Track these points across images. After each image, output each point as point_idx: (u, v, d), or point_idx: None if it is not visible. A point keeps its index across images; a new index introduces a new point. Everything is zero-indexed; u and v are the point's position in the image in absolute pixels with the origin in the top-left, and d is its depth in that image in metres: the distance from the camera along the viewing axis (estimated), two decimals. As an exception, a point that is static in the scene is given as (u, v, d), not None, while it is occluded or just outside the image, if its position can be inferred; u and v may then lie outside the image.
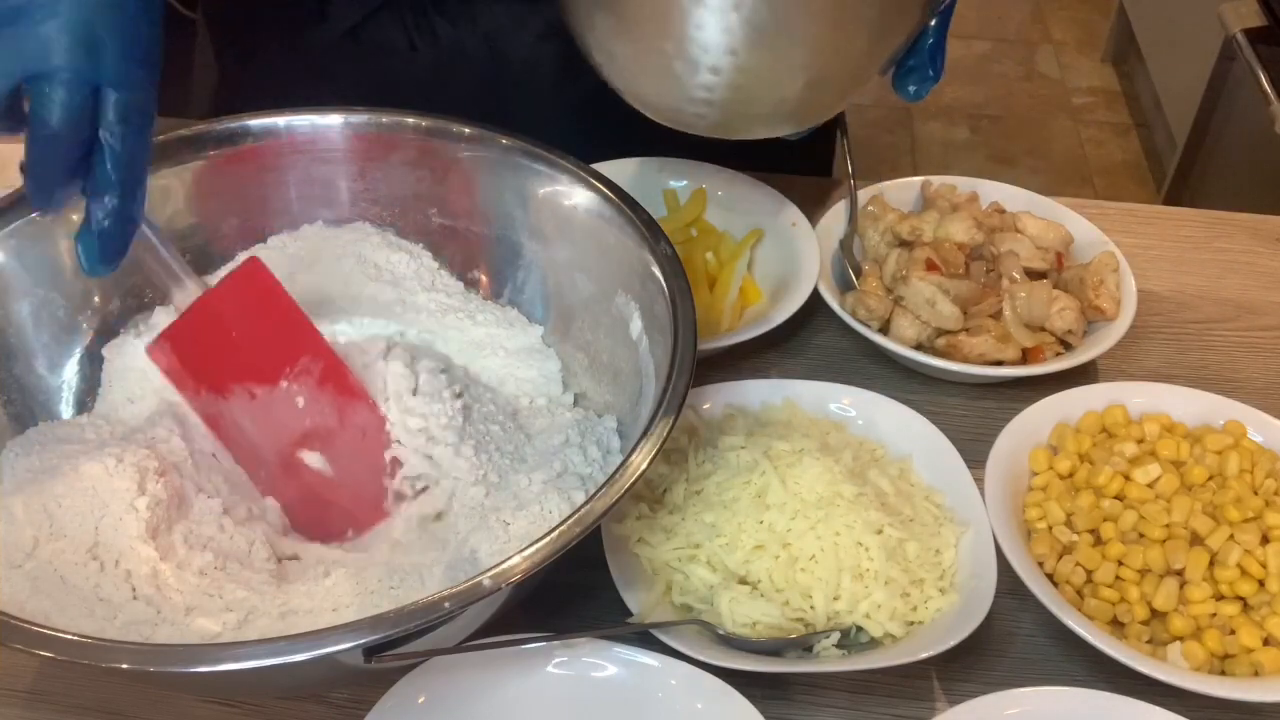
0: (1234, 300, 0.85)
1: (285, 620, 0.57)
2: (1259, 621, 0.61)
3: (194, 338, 0.63)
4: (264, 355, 0.64)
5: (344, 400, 0.64)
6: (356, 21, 0.84)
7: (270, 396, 0.64)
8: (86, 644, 0.49)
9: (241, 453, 0.64)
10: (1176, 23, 2.28)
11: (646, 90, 0.65)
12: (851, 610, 0.61)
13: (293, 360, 0.64)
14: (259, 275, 0.64)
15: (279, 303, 0.64)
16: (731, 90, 0.61)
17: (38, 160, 0.52)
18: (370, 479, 0.65)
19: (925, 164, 2.50)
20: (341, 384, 0.64)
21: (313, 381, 0.64)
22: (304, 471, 0.64)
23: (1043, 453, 0.69)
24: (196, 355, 0.63)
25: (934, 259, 0.78)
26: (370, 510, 0.65)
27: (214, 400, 0.64)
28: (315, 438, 0.64)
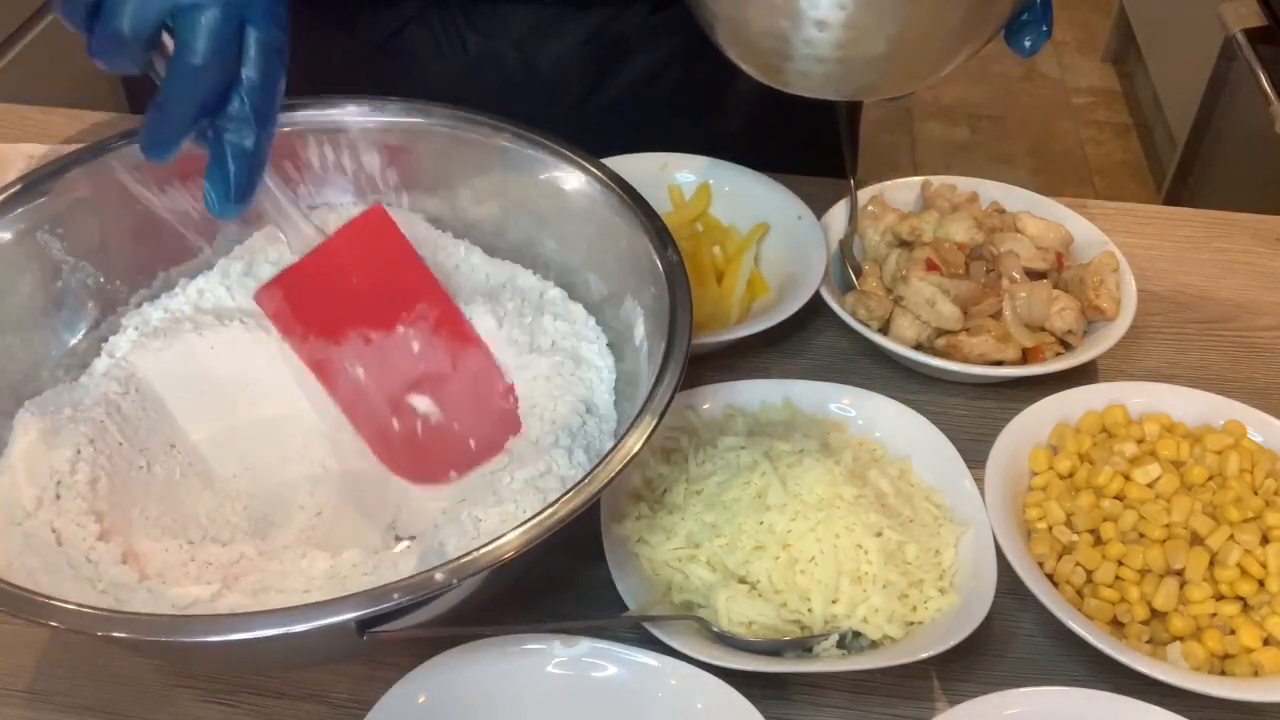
0: (1234, 300, 0.85)
1: (257, 597, 0.58)
2: (1259, 621, 0.61)
3: (309, 284, 0.64)
4: (382, 302, 0.65)
5: (458, 346, 0.66)
6: (385, 37, 0.84)
7: (386, 342, 0.65)
8: (84, 613, 0.50)
9: (345, 397, 0.66)
10: (1176, 23, 2.28)
11: (750, 50, 0.62)
12: (850, 614, 0.61)
13: (410, 306, 0.65)
14: (381, 223, 0.65)
15: (399, 250, 0.65)
16: (838, 48, 0.59)
17: (174, 96, 0.52)
18: (479, 421, 0.66)
19: (925, 164, 2.50)
20: (456, 329, 0.66)
21: (428, 327, 0.66)
22: (410, 415, 0.65)
23: (1043, 453, 0.69)
24: (309, 301, 0.64)
25: (934, 259, 0.78)
26: (477, 451, 0.66)
27: (323, 346, 0.65)
28: (428, 382, 0.66)
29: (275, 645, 0.52)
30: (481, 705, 0.58)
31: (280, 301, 0.65)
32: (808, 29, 0.58)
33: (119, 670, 0.62)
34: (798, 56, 0.60)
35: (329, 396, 0.66)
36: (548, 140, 0.70)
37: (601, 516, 0.64)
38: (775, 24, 0.58)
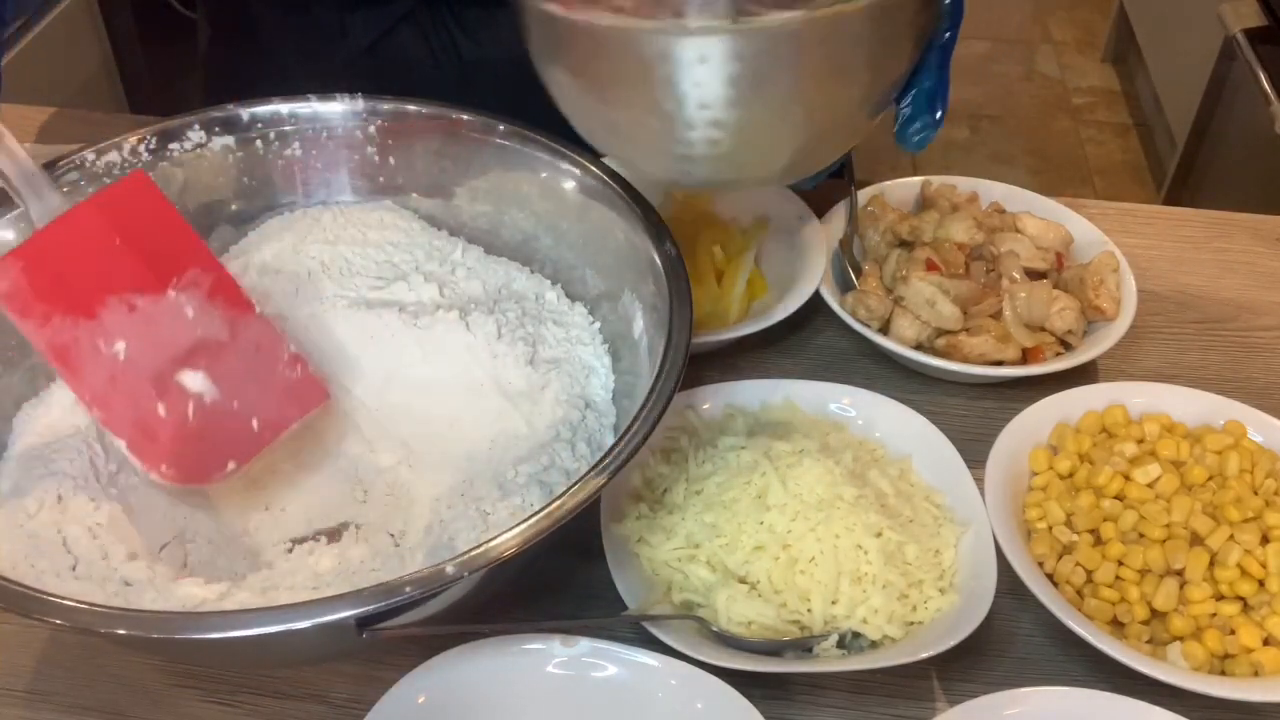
0: (1234, 300, 0.85)
1: (266, 595, 0.58)
2: (1259, 621, 0.61)
3: (55, 255, 0.58)
4: (150, 263, 0.60)
5: (236, 314, 0.61)
6: (376, 37, 0.84)
7: (154, 308, 0.60)
8: (85, 610, 0.50)
9: (95, 385, 0.59)
10: (1176, 23, 2.27)
11: (629, 152, 0.65)
12: (849, 614, 0.61)
13: (181, 270, 0.60)
14: (144, 189, 0.60)
15: (164, 216, 0.61)
16: (713, 146, 0.59)
17: None
18: (262, 396, 0.62)
19: (925, 164, 2.49)
20: (233, 297, 0.61)
21: (202, 293, 0.61)
22: (181, 398, 0.60)
23: (1043, 453, 0.69)
24: (55, 275, 0.58)
25: (934, 259, 0.78)
26: (260, 432, 0.62)
27: (70, 325, 0.58)
28: (202, 353, 0.61)
29: (275, 643, 0.52)
30: (481, 705, 0.58)
31: (16, 277, 0.57)
32: (682, 131, 0.58)
33: (119, 670, 0.62)
34: (676, 158, 0.60)
35: (71, 386, 0.59)
36: (543, 137, 0.70)
37: (601, 516, 0.64)
38: (649, 129, 0.59)
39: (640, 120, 0.59)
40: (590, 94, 0.62)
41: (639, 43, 0.55)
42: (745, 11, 0.52)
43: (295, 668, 0.62)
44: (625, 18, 0.54)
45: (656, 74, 0.55)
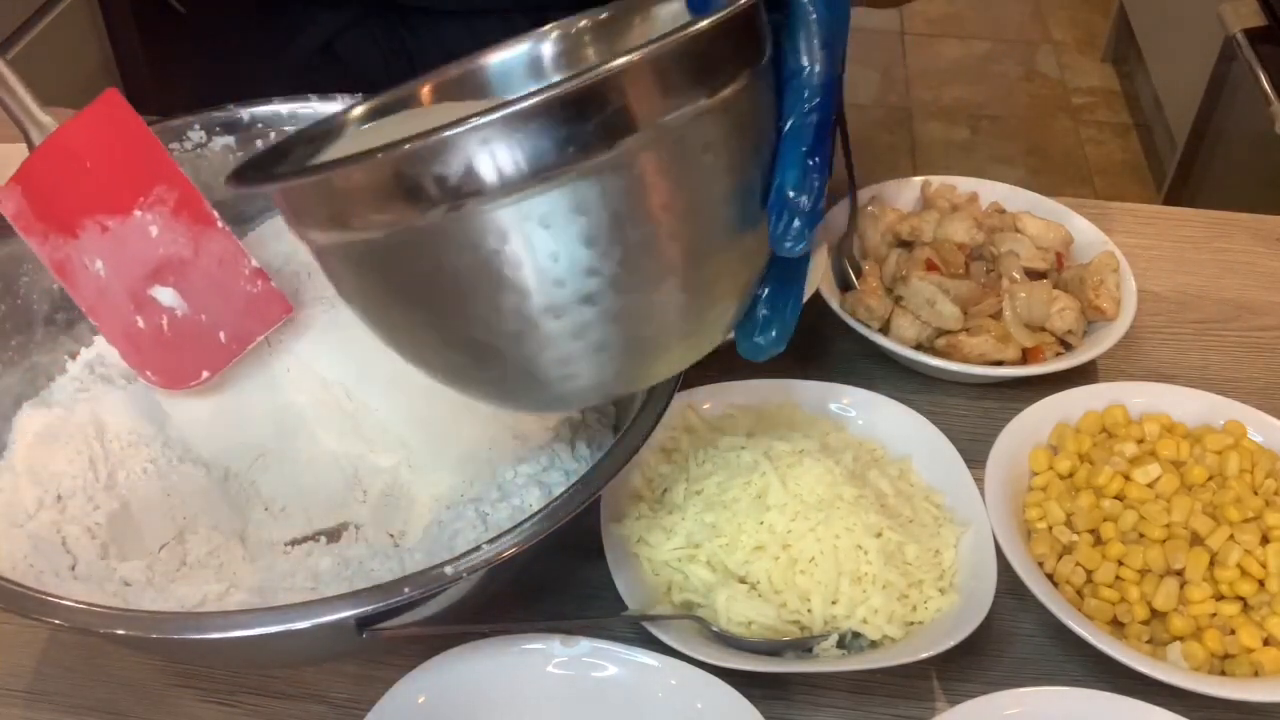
0: (1234, 300, 0.85)
1: (264, 595, 0.58)
2: (1259, 621, 0.61)
3: (45, 177, 0.62)
4: (118, 185, 0.63)
5: (199, 229, 0.64)
6: (328, 39, 0.84)
7: (123, 228, 0.63)
8: (85, 610, 0.50)
9: (89, 297, 0.64)
10: (1176, 23, 2.28)
11: (502, 386, 0.53)
12: (849, 615, 0.61)
13: (147, 190, 0.64)
14: (116, 107, 0.63)
15: (136, 133, 0.64)
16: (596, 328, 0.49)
17: None
18: (227, 311, 0.65)
19: (925, 164, 2.50)
20: (196, 212, 0.64)
21: (167, 211, 0.64)
22: (155, 310, 0.64)
23: (1043, 453, 0.69)
24: (47, 195, 0.62)
25: (934, 259, 0.78)
26: (229, 344, 0.65)
27: (62, 242, 0.63)
28: (169, 269, 0.64)
29: (275, 643, 0.52)
30: (481, 705, 0.58)
31: (19, 199, 0.62)
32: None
33: (119, 670, 0.62)
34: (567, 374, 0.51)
35: (73, 297, 0.64)
36: None
37: (601, 516, 0.64)
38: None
39: (502, 335, 0.48)
40: (435, 320, 0.50)
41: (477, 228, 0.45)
42: (593, 146, 0.44)
43: (295, 668, 0.62)
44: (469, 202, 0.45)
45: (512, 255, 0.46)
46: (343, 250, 0.49)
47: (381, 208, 0.46)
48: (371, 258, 0.49)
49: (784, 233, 0.48)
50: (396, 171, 0.45)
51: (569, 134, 0.43)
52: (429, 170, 0.44)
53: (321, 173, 0.48)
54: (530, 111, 0.43)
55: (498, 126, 0.43)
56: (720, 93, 0.46)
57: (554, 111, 0.43)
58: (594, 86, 0.43)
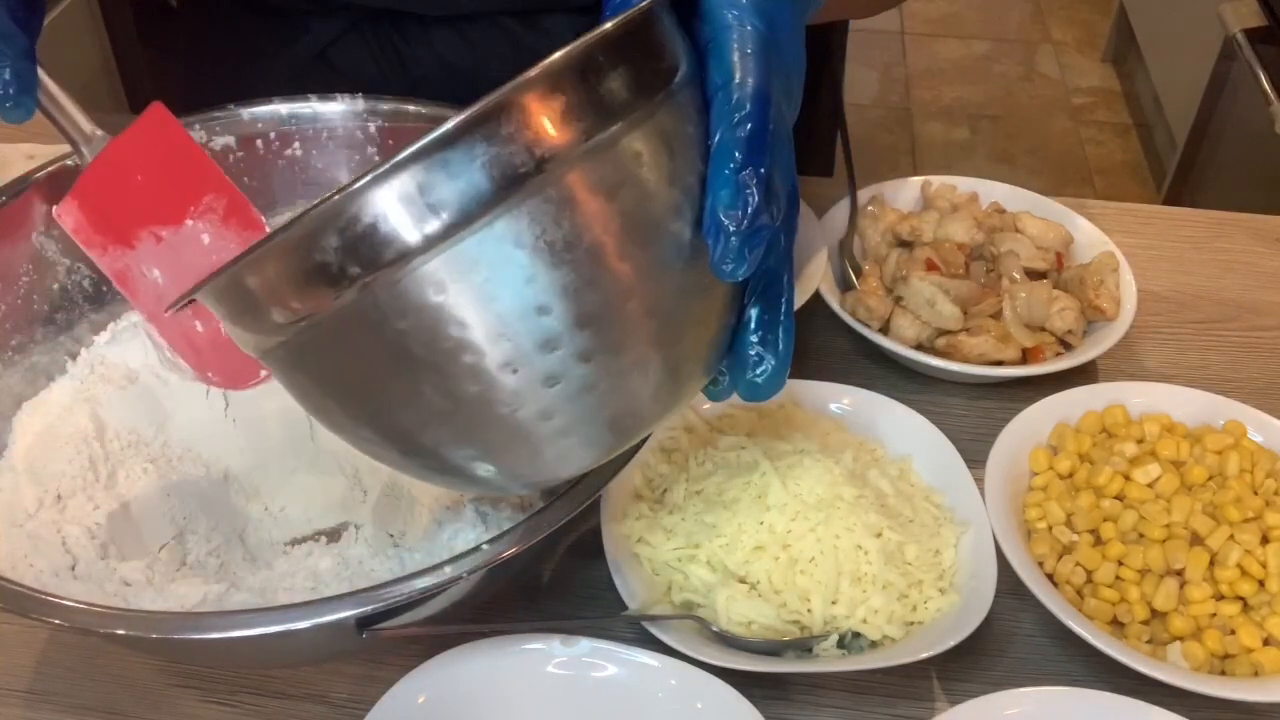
0: (1234, 300, 0.85)
1: (264, 595, 0.58)
2: (1259, 621, 0.61)
3: (100, 190, 0.63)
4: (169, 197, 0.65)
5: (248, 235, 0.66)
6: (325, 45, 0.84)
7: (177, 238, 0.65)
8: (85, 611, 0.50)
9: (148, 305, 0.65)
10: (1176, 23, 2.28)
11: (488, 459, 0.50)
12: (849, 615, 0.61)
13: (197, 199, 0.65)
14: (163, 120, 0.64)
15: (182, 145, 0.65)
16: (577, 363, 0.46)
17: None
18: None
19: (925, 164, 2.50)
20: (245, 218, 0.66)
21: (217, 219, 0.65)
22: (211, 315, 0.64)
23: (1043, 453, 0.69)
24: (103, 208, 0.63)
25: (934, 259, 0.78)
26: None
27: (120, 254, 0.64)
28: None
29: (274, 643, 0.52)
30: (481, 705, 0.58)
31: (78, 214, 0.63)
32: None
33: (119, 670, 0.62)
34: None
35: (135, 305, 0.65)
36: None
37: (601, 516, 0.64)
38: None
39: (486, 386, 0.45)
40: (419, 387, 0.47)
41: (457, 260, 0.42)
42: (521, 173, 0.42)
43: (295, 668, 0.62)
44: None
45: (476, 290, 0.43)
46: (283, 349, 0.47)
47: (305, 290, 0.44)
48: (314, 348, 0.46)
49: (720, 256, 0.45)
50: (309, 245, 0.43)
51: (480, 165, 0.41)
52: (344, 238, 0.42)
53: (231, 268, 0.45)
54: (425, 152, 0.41)
55: (404, 173, 0.41)
56: (637, 106, 0.44)
57: (449, 150, 0.41)
58: (491, 111, 0.41)
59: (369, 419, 0.49)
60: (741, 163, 0.45)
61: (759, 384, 0.50)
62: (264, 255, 0.44)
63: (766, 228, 0.45)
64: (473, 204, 0.42)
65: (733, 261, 0.45)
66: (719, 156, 0.45)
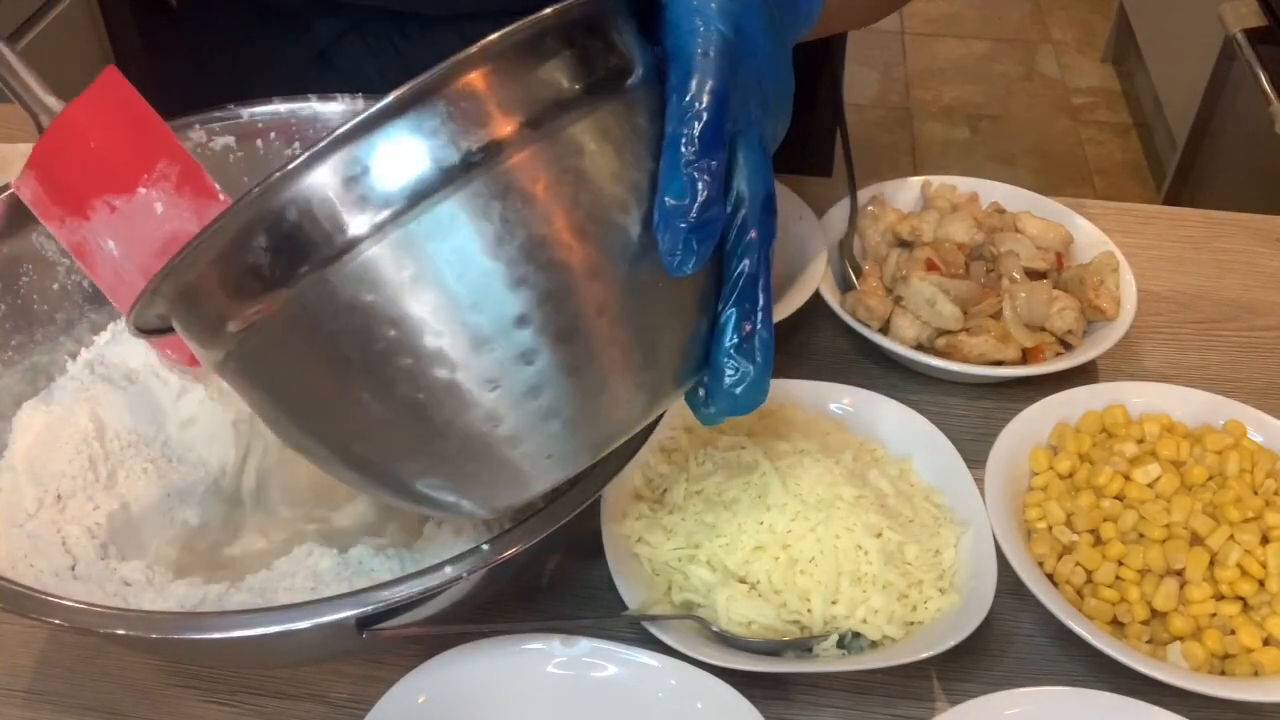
0: (1234, 300, 0.85)
1: (265, 595, 0.58)
2: (1259, 621, 0.61)
3: (55, 159, 0.61)
4: (122, 163, 0.63)
5: (202, 203, 0.64)
6: (326, 45, 0.85)
7: (130, 206, 0.63)
8: (85, 610, 0.50)
9: (107, 279, 0.63)
10: (1176, 23, 2.28)
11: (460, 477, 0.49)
12: (849, 615, 0.61)
13: (150, 166, 0.63)
14: (117, 84, 0.63)
15: (136, 111, 0.63)
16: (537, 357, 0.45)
17: None
18: None
19: (925, 164, 2.50)
20: (199, 186, 0.64)
21: (170, 186, 0.64)
22: None
23: (1043, 453, 0.69)
24: (58, 177, 0.62)
25: (934, 259, 0.78)
26: None
27: (77, 225, 0.62)
28: (176, 245, 0.62)
29: (275, 643, 0.52)
30: (481, 705, 0.58)
31: (35, 186, 0.62)
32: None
33: (119, 670, 0.62)
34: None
35: (94, 279, 0.64)
36: None
37: (601, 516, 0.64)
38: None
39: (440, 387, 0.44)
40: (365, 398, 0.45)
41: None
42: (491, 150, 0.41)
43: (295, 668, 0.62)
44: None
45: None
46: (233, 361, 0.46)
47: (237, 296, 0.43)
48: (257, 359, 0.45)
49: (666, 247, 0.44)
50: (235, 249, 0.42)
51: (428, 141, 0.41)
52: (271, 237, 0.42)
53: (162, 274, 0.45)
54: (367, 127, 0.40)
55: (351, 147, 0.40)
56: (582, 98, 0.44)
57: (367, 139, 0.40)
58: (436, 84, 0.41)
59: (319, 433, 0.48)
60: (690, 156, 0.45)
61: (737, 395, 0.49)
62: (190, 259, 0.43)
63: (715, 221, 0.45)
64: (403, 196, 0.41)
65: (679, 253, 0.44)
66: (669, 150, 0.45)
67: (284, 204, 0.41)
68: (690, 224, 0.44)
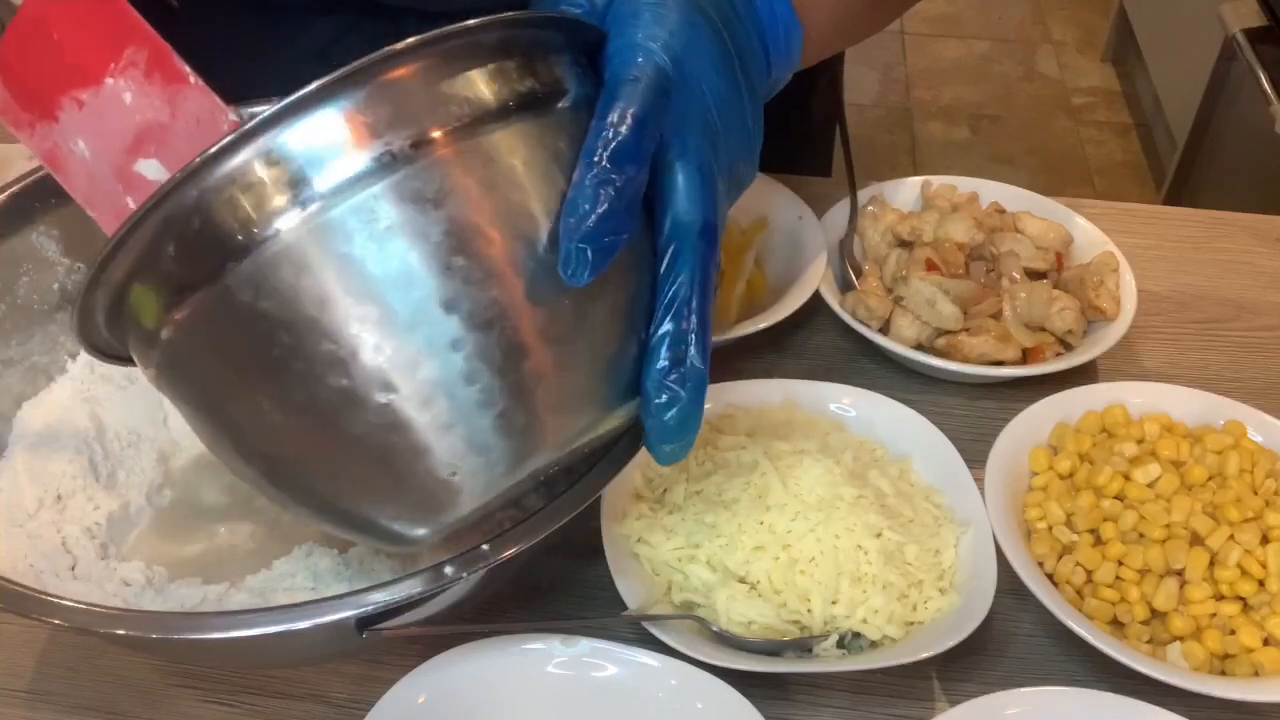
0: (1234, 300, 0.85)
1: (265, 596, 0.58)
2: (1259, 621, 0.61)
3: (19, 57, 0.58)
4: (88, 52, 0.59)
5: (173, 89, 0.59)
6: (325, 45, 0.85)
7: (98, 100, 0.59)
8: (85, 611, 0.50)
9: (81, 186, 0.60)
10: (1176, 23, 2.28)
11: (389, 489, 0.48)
12: (849, 615, 0.61)
13: (117, 54, 0.59)
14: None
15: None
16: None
17: None
18: None
19: (925, 164, 2.50)
20: (168, 70, 0.59)
21: (139, 74, 0.59)
22: (142, 186, 0.59)
23: (1043, 453, 0.69)
24: (24, 77, 0.58)
25: (934, 259, 0.78)
26: None
27: (47, 129, 0.59)
28: (149, 138, 0.59)
29: (275, 643, 0.52)
30: (481, 705, 0.58)
31: (2, 91, 0.57)
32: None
33: (119, 670, 0.62)
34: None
35: (68, 190, 0.59)
36: None
37: (601, 516, 0.64)
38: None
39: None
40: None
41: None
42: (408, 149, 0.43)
43: (295, 668, 0.62)
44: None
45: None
46: (161, 373, 0.47)
47: (140, 310, 0.45)
48: (175, 370, 0.46)
49: (562, 255, 0.44)
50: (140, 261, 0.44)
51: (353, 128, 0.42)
52: (178, 244, 0.43)
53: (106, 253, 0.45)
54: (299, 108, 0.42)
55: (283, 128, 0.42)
56: (519, 108, 0.45)
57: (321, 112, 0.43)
58: (361, 76, 0.43)
59: (243, 447, 0.48)
60: (598, 169, 0.45)
61: (665, 423, 0.49)
62: (112, 255, 0.44)
63: (615, 234, 0.45)
64: (323, 185, 0.42)
65: (573, 263, 0.44)
66: (580, 161, 0.46)
67: (201, 195, 0.42)
68: (585, 233, 0.44)
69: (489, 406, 0.45)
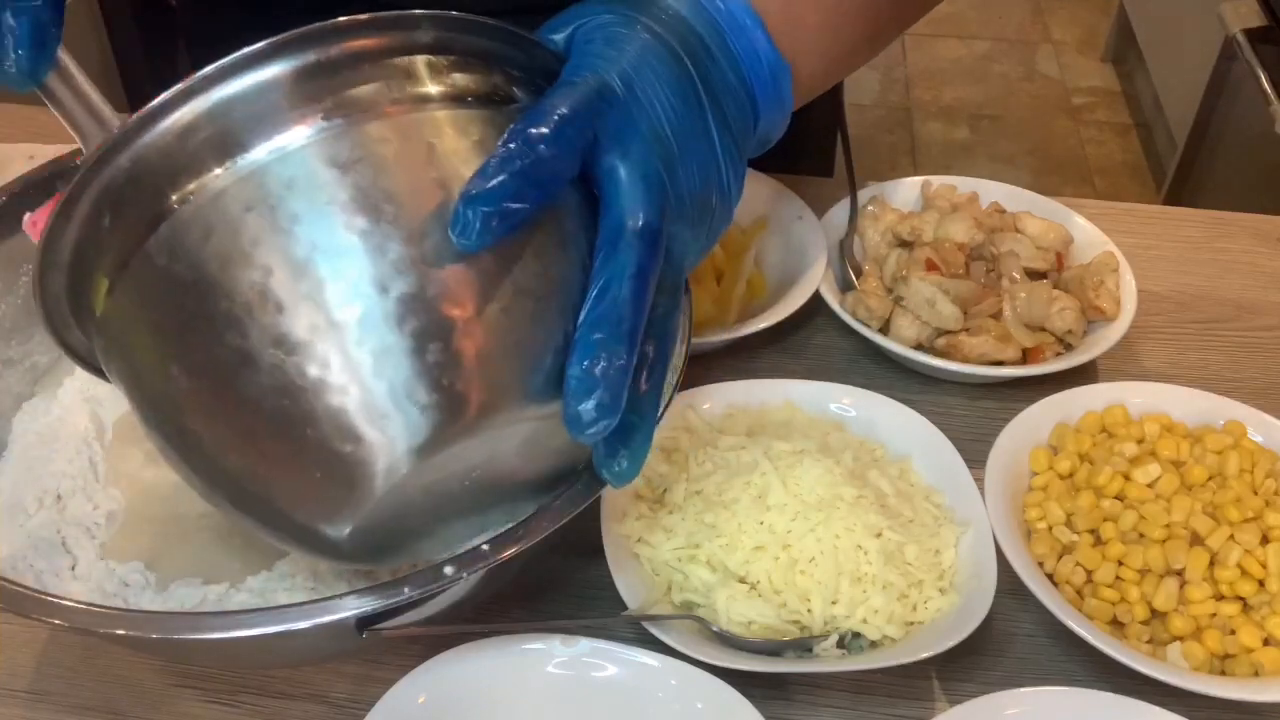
0: (1234, 300, 0.85)
1: (265, 596, 0.58)
2: (1259, 621, 0.61)
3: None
4: None
5: None
6: None
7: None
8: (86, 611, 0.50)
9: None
10: (1176, 23, 2.28)
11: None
12: (849, 615, 0.61)
13: None
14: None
15: None
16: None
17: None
18: None
19: (925, 164, 2.50)
20: None
21: None
22: None
23: (1043, 453, 0.69)
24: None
25: (934, 259, 0.78)
26: None
27: None
28: None
29: (275, 643, 0.52)
30: (481, 705, 0.58)
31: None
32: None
33: (119, 670, 0.62)
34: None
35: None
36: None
37: (601, 516, 0.64)
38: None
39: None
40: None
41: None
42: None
43: (295, 668, 0.62)
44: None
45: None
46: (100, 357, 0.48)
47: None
48: (106, 352, 0.48)
49: (455, 218, 0.45)
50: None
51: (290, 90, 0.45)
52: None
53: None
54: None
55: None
56: (455, 99, 0.47)
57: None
58: (302, 42, 0.46)
59: (157, 424, 0.49)
60: (508, 146, 0.46)
61: (584, 422, 0.47)
62: (51, 237, 0.46)
63: (511, 205, 0.45)
64: (254, 145, 0.44)
65: (459, 225, 0.44)
66: (501, 140, 0.47)
67: (132, 158, 0.44)
68: (479, 195, 0.45)
69: (380, 375, 0.44)
